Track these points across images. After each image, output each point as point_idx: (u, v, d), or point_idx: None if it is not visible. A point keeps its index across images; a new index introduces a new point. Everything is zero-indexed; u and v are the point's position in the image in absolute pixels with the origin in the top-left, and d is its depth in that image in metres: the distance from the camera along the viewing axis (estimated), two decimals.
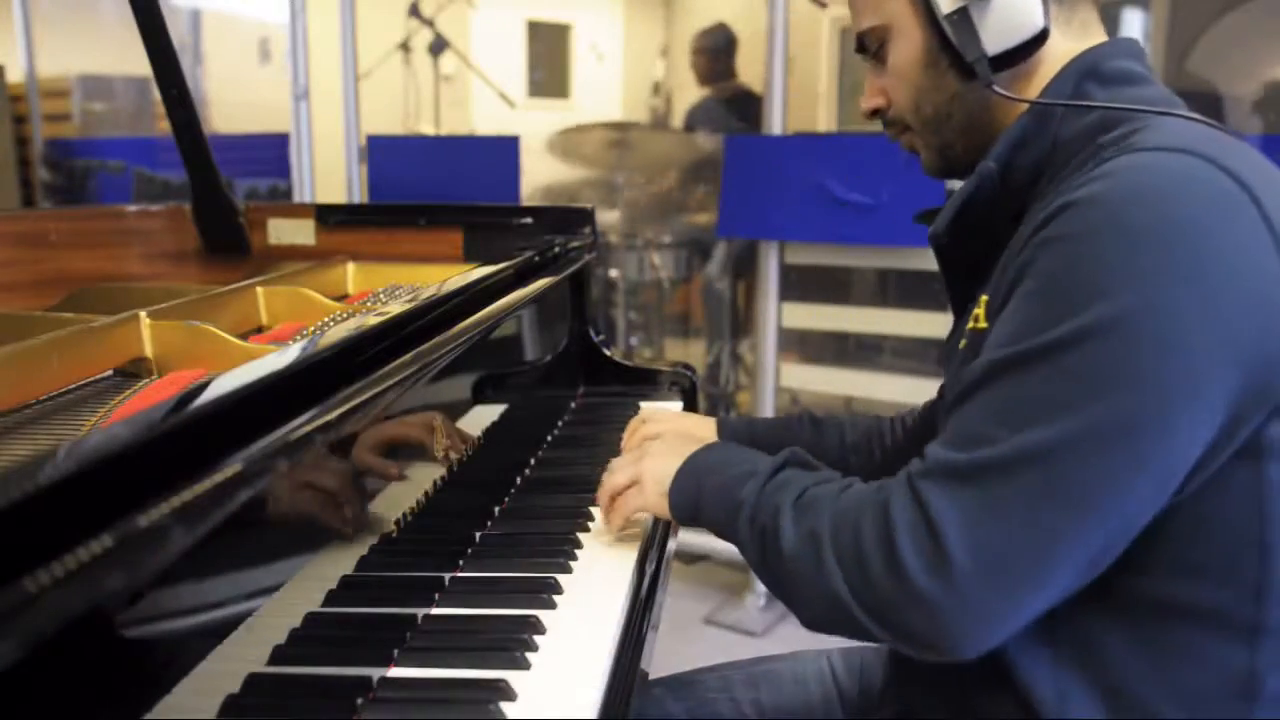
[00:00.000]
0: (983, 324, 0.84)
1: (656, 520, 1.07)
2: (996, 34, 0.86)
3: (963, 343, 0.87)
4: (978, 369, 0.76)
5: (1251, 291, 0.70)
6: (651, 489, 0.99)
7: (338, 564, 0.83)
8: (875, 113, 0.98)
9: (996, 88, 0.87)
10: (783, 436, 1.20)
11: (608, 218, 3.60)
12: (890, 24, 0.92)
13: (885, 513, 0.76)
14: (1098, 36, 0.90)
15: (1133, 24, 2.89)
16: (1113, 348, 0.69)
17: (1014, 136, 0.87)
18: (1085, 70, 0.86)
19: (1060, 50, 0.88)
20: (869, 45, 0.95)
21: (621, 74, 5.53)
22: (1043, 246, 0.75)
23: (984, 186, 0.88)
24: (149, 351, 1.09)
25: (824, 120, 3.91)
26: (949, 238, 0.92)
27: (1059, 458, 0.70)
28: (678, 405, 1.53)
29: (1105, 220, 0.72)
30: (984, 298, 0.85)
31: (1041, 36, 0.86)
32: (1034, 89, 0.88)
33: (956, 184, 1.01)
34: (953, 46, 0.87)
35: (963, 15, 0.86)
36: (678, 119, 4.74)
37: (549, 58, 5.42)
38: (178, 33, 2.98)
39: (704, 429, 1.20)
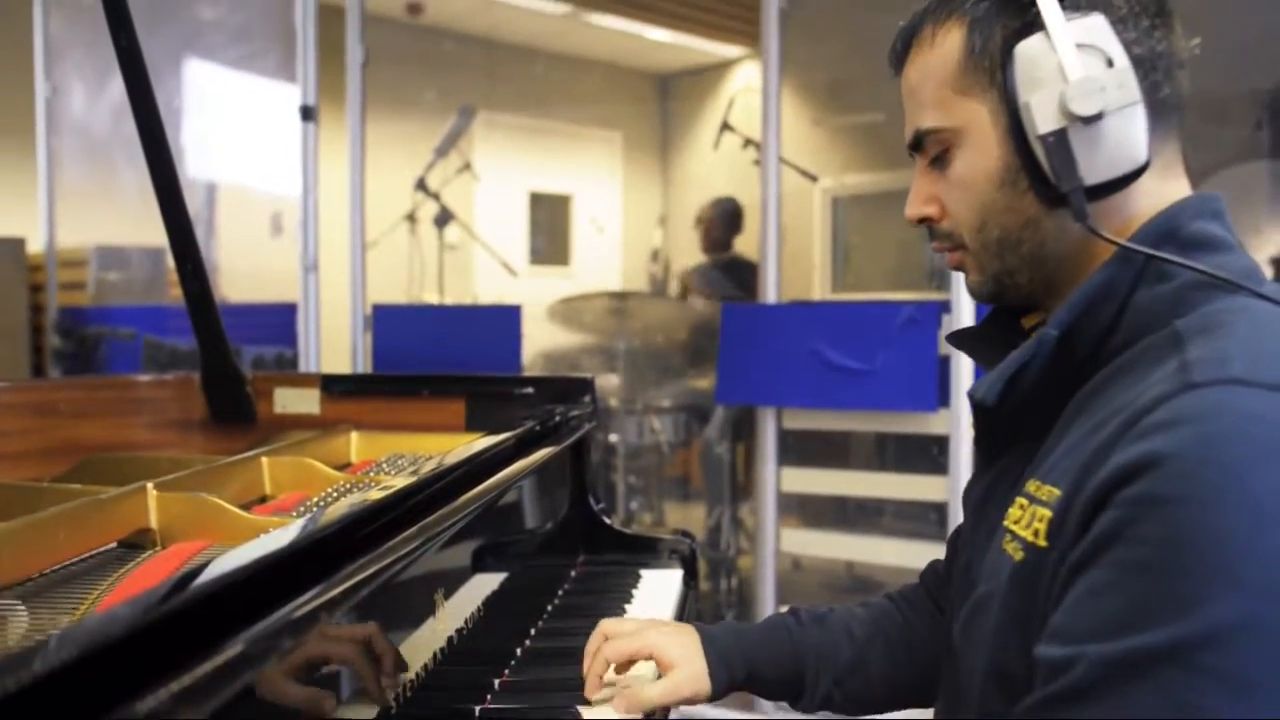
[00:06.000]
0: (1043, 541, 0.73)
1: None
2: (1096, 163, 0.74)
3: (1018, 551, 0.76)
4: (1087, 666, 0.64)
5: None
6: None
7: None
8: (922, 221, 0.87)
9: (1094, 225, 0.75)
10: (781, 640, 1.05)
11: (607, 382, 3.65)
12: (962, 129, 0.81)
13: None
14: (1178, 178, 0.81)
15: None
16: (1258, 646, 0.60)
17: (1085, 298, 0.77)
18: (1164, 232, 0.76)
19: (1144, 189, 0.78)
20: (927, 147, 0.84)
21: (620, 242, 5.70)
22: (1141, 507, 0.64)
23: (1041, 354, 0.78)
24: (154, 523, 1.10)
25: (818, 288, 4.01)
26: (996, 401, 0.80)
27: None
28: (678, 574, 1.53)
29: (1221, 486, 0.62)
30: (1039, 487, 0.75)
31: (1139, 170, 0.75)
32: (1110, 232, 0.76)
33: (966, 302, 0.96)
34: (1039, 169, 0.76)
35: (1060, 137, 0.74)
36: (676, 286, 4.87)
37: (550, 227, 5.61)
38: (193, 204, 3.08)
39: (678, 644, 1.03)
